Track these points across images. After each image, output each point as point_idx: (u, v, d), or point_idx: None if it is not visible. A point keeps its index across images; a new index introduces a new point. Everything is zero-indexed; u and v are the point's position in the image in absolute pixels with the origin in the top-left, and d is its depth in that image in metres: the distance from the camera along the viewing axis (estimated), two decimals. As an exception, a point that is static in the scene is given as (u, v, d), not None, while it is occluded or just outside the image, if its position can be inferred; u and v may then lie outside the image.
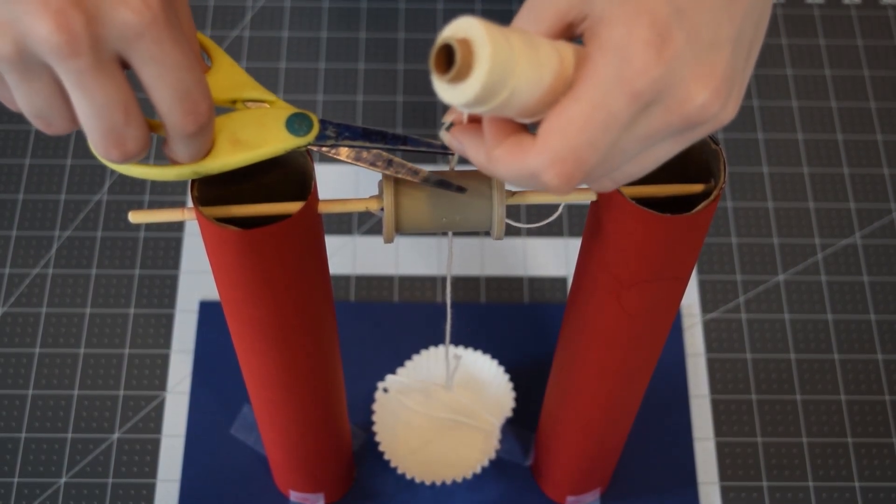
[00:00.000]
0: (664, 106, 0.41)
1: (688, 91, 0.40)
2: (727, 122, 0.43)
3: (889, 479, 0.82)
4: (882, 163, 0.96)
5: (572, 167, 0.41)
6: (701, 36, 0.40)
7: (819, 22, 1.04)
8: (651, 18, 0.39)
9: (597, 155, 0.41)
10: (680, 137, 0.43)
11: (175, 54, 0.42)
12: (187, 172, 0.47)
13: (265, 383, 0.62)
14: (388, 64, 1.00)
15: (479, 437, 0.81)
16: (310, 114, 0.50)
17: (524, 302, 0.89)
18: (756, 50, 0.44)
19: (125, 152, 0.44)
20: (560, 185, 0.41)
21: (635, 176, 0.45)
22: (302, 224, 0.50)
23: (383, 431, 0.81)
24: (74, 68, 0.40)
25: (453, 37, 0.38)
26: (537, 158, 0.41)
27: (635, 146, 0.42)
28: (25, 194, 0.93)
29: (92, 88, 0.41)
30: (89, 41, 0.40)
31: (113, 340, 0.86)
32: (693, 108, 0.41)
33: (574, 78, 0.41)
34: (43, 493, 0.80)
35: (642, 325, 0.58)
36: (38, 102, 0.42)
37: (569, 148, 0.41)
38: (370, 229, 0.92)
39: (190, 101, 0.44)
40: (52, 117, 0.43)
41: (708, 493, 0.81)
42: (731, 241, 0.92)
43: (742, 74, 0.43)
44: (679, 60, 0.40)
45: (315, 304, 0.57)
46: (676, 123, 0.41)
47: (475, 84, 0.38)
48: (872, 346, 0.88)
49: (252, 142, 0.48)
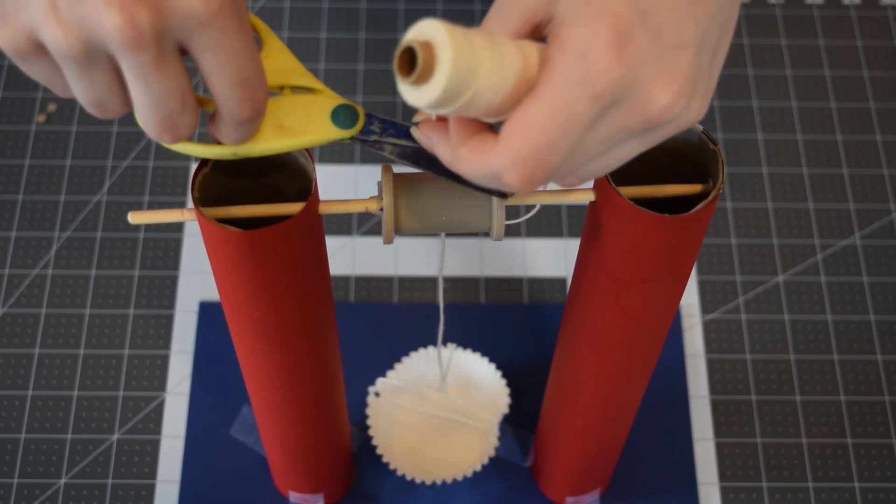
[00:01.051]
0: (626, 107, 0.41)
1: (650, 92, 0.41)
2: (692, 123, 0.43)
3: (889, 480, 0.82)
4: (881, 163, 0.96)
5: (533, 168, 0.41)
6: (664, 37, 0.40)
7: (818, 22, 1.04)
8: (613, 20, 0.39)
9: (558, 156, 0.41)
10: (643, 138, 0.43)
11: (237, 42, 0.42)
12: (227, 153, 0.47)
13: (265, 384, 0.62)
14: (387, 64, 1.00)
15: (477, 436, 0.81)
16: (357, 106, 0.49)
17: (523, 302, 0.89)
18: (723, 50, 0.44)
19: (177, 137, 0.44)
20: (521, 186, 0.42)
21: (598, 174, 0.45)
22: (302, 225, 0.50)
23: (379, 433, 0.81)
24: (138, 61, 0.40)
25: (415, 39, 0.39)
26: (499, 159, 0.41)
27: (598, 146, 0.42)
28: (25, 195, 0.93)
29: (153, 80, 0.41)
30: (154, 34, 0.40)
31: (112, 341, 0.86)
32: (655, 109, 0.41)
33: (537, 79, 0.41)
34: (43, 493, 0.80)
35: (641, 326, 0.58)
36: (97, 92, 0.43)
37: (530, 149, 0.41)
38: (370, 230, 0.92)
39: (248, 89, 0.44)
40: (108, 104, 0.43)
41: (707, 493, 0.81)
42: (731, 242, 0.92)
43: (708, 75, 0.43)
44: (641, 62, 0.40)
45: (315, 305, 0.57)
46: (639, 124, 0.41)
47: (437, 87, 0.38)
48: (872, 347, 0.88)
49: (296, 129, 0.48)
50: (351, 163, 0.95)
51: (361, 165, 0.95)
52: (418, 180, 0.53)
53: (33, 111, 0.97)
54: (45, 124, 0.97)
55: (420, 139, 0.47)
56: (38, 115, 0.97)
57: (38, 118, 0.97)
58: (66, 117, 0.97)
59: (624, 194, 0.51)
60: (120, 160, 0.95)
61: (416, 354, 0.83)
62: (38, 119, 0.97)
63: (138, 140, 0.96)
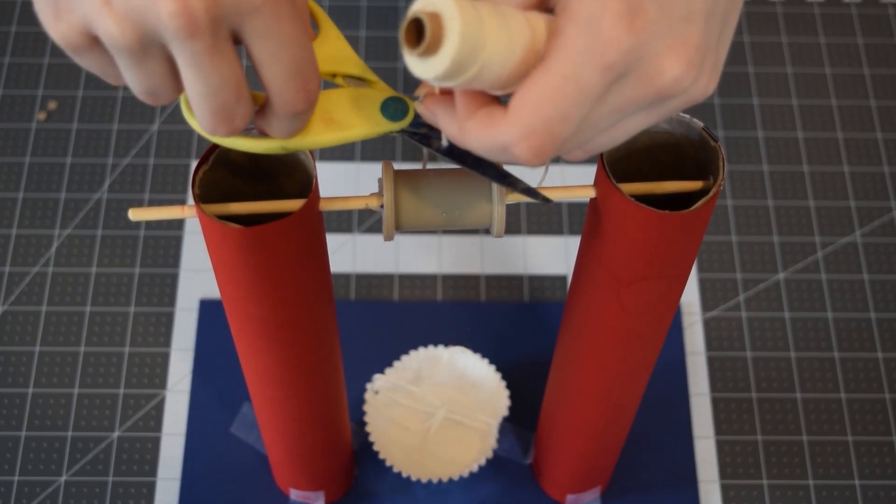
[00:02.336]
0: (636, 78, 0.41)
1: (660, 63, 0.40)
2: (701, 98, 0.43)
3: (889, 478, 0.82)
4: (882, 161, 0.96)
5: (543, 140, 0.41)
6: (673, 9, 0.40)
7: (819, 20, 1.04)
8: None
9: (569, 127, 0.41)
10: (653, 110, 0.43)
11: (291, 29, 0.42)
12: (276, 147, 0.46)
13: (266, 381, 0.62)
14: (387, 62, 1.00)
15: (476, 436, 0.81)
16: (406, 98, 0.49)
17: (524, 300, 0.89)
18: (731, 26, 0.44)
19: (233, 129, 0.44)
20: (531, 159, 0.41)
21: (606, 147, 0.44)
22: (303, 221, 0.50)
23: (376, 432, 0.81)
24: (192, 49, 0.40)
25: (423, 10, 0.38)
26: (509, 131, 0.41)
27: (608, 118, 0.42)
28: (25, 192, 0.93)
29: (208, 69, 0.41)
30: (208, 21, 0.39)
31: (113, 339, 0.86)
32: (666, 80, 0.41)
33: (545, 50, 0.41)
34: (43, 491, 0.80)
35: (641, 323, 0.58)
36: (152, 82, 0.42)
37: (539, 120, 0.41)
38: (370, 227, 0.92)
39: (301, 79, 0.43)
40: (160, 92, 0.43)
41: (708, 491, 0.81)
42: (732, 240, 0.92)
43: (716, 49, 0.43)
44: (651, 32, 0.40)
45: (316, 302, 0.57)
46: (649, 96, 0.41)
47: (445, 59, 0.38)
48: (872, 345, 0.88)
49: (345, 122, 0.47)
50: (351, 160, 0.95)
51: (362, 163, 0.95)
52: (419, 177, 0.53)
53: (34, 109, 0.97)
54: (46, 122, 0.97)
55: (423, 114, 0.46)
56: (38, 112, 0.97)
57: (39, 116, 0.97)
58: (67, 115, 0.97)
59: (624, 191, 0.51)
60: (120, 158, 0.95)
61: (415, 353, 0.83)
62: (39, 117, 0.97)
63: (139, 138, 0.96)
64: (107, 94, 0.98)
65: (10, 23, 1.02)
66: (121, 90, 0.98)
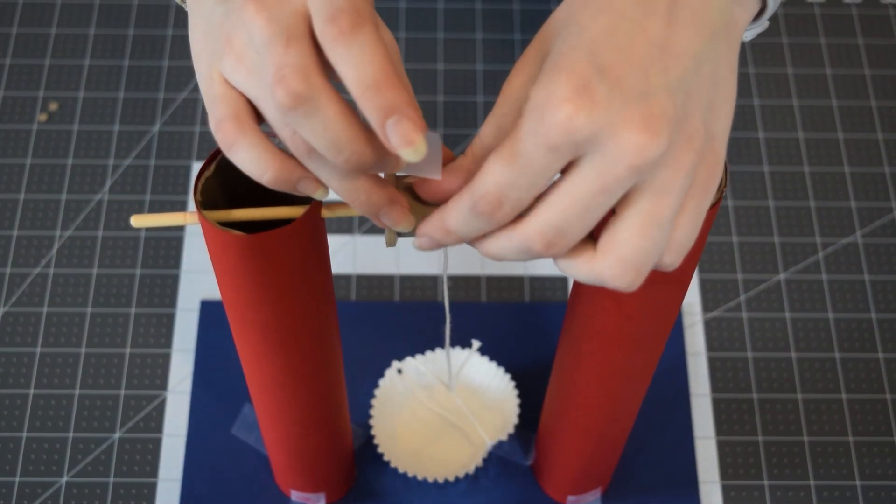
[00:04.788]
0: (601, 155, 0.41)
1: (618, 136, 0.41)
2: (712, 179, 0.44)
3: (890, 478, 0.82)
4: (883, 161, 0.96)
5: (495, 199, 0.43)
6: (626, 87, 0.41)
7: (820, 21, 1.04)
8: (569, 76, 0.41)
9: (516, 193, 0.43)
10: (659, 195, 0.43)
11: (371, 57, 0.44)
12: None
13: (267, 385, 0.62)
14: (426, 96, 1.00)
15: (470, 450, 0.82)
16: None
17: (525, 301, 0.89)
18: (722, 109, 0.45)
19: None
20: (483, 212, 0.44)
21: (647, 251, 0.45)
22: (305, 228, 0.50)
23: (381, 432, 0.81)
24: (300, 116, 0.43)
25: None
26: (463, 194, 0.45)
27: (599, 200, 0.43)
28: (27, 194, 0.93)
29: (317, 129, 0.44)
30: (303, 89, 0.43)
31: (114, 340, 0.86)
32: (627, 150, 0.41)
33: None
34: (44, 492, 0.80)
35: (642, 328, 0.58)
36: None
37: (488, 183, 0.43)
38: (371, 228, 0.92)
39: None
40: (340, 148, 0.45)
41: (709, 491, 0.81)
42: (732, 240, 0.92)
43: (687, 121, 0.43)
44: (603, 111, 0.41)
45: (317, 308, 0.57)
46: (621, 171, 0.42)
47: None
48: (873, 345, 0.88)
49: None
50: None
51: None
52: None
53: (35, 110, 0.97)
54: (47, 123, 0.97)
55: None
56: (39, 114, 0.97)
57: (40, 117, 0.97)
58: (68, 116, 0.97)
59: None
60: (121, 159, 0.95)
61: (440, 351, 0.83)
62: (40, 118, 0.97)
63: (140, 139, 0.96)
64: (108, 95, 0.98)
65: (12, 24, 1.02)
66: (122, 91, 0.98)
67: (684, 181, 0.43)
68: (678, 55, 0.42)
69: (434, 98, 0.98)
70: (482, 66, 1.00)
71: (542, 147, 0.41)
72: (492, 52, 1.01)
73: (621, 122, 0.41)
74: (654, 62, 0.42)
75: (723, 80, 0.45)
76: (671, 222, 0.44)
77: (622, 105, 0.41)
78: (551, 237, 0.43)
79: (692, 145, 0.43)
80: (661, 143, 0.41)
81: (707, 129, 0.44)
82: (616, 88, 0.41)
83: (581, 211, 0.43)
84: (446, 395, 0.83)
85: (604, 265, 0.44)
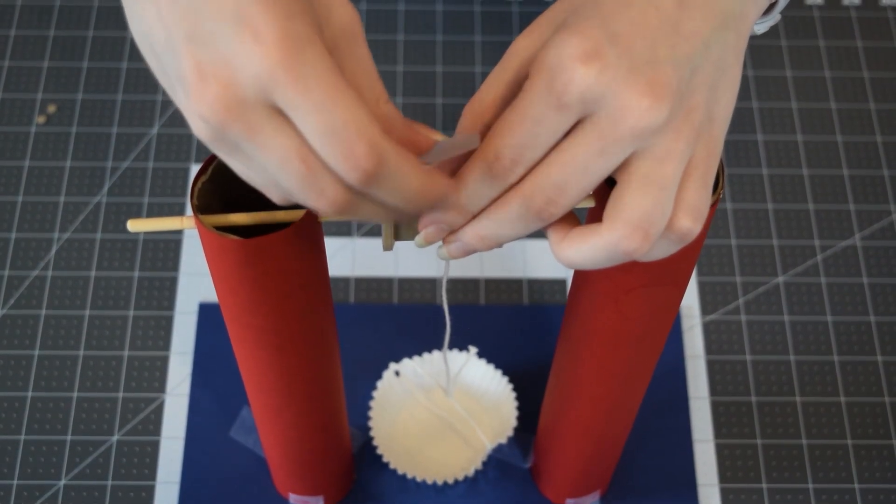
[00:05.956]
0: (606, 115, 0.42)
1: (625, 99, 0.42)
2: (713, 151, 0.45)
3: (889, 481, 0.82)
4: (882, 164, 0.96)
5: (510, 159, 0.44)
6: (635, 54, 0.42)
7: (818, 23, 1.04)
8: (580, 38, 0.42)
9: (529, 153, 0.44)
10: (660, 160, 0.44)
11: (319, 94, 0.42)
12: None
13: (264, 389, 0.62)
14: (388, 66, 1.00)
15: (469, 452, 0.82)
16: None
17: (523, 304, 0.89)
18: (724, 93, 0.46)
19: (329, 200, 0.44)
20: (498, 174, 0.44)
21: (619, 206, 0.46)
22: (303, 232, 0.50)
23: (380, 433, 0.81)
24: (234, 140, 0.43)
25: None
26: (476, 160, 0.45)
27: (598, 162, 0.43)
28: (25, 196, 0.93)
29: (258, 153, 0.43)
30: (227, 112, 0.42)
31: (112, 342, 0.86)
32: (632, 115, 0.42)
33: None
34: (42, 495, 0.80)
35: (641, 330, 0.58)
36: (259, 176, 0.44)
37: (501, 145, 0.44)
38: (369, 231, 0.92)
39: (341, 143, 0.43)
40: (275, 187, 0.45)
41: (707, 495, 0.81)
42: (731, 243, 0.92)
43: (690, 96, 0.44)
44: (611, 75, 0.42)
45: (315, 312, 0.57)
46: (624, 133, 0.43)
47: None
48: (872, 348, 0.88)
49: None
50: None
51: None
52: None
53: (33, 112, 0.97)
54: (45, 125, 0.96)
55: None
56: (37, 116, 0.97)
57: (38, 119, 0.97)
58: (66, 118, 0.97)
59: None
60: (120, 161, 0.95)
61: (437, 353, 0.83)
62: (38, 120, 0.97)
63: (138, 141, 0.96)
64: (106, 97, 0.98)
65: (10, 26, 1.02)
66: (120, 93, 0.98)
67: (684, 150, 0.44)
68: (687, 35, 0.44)
69: (433, 100, 0.98)
70: (481, 68, 1.00)
71: (553, 106, 0.42)
72: (490, 55, 1.01)
73: (627, 86, 0.42)
74: (663, 37, 0.43)
75: (729, 67, 0.46)
76: (675, 187, 0.44)
77: (629, 70, 0.42)
78: (550, 193, 0.44)
79: (692, 119, 0.44)
80: (663, 110, 0.42)
81: (708, 109, 0.45)
82: (625, 54, 0.42)
83: (580, 169, 0.43)
84: (445, 397, 0.83)
85: (610, 231, 0.44)
